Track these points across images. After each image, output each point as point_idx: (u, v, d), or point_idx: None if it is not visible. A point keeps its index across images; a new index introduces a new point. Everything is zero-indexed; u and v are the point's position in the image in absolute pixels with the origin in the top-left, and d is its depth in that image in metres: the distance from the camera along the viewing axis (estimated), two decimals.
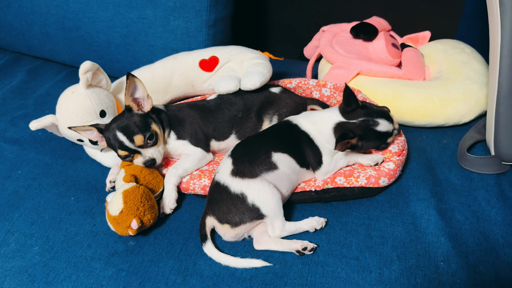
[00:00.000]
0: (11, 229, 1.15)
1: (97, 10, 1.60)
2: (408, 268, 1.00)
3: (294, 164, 1.12)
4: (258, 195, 1.04)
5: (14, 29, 1.84)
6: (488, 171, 1.25)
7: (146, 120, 1.19)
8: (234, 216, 1.04)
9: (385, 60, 1.56)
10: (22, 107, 1.64)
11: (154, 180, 1.18)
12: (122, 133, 1.16)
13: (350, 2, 1.87)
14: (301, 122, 1.17)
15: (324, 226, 1.10)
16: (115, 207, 1.07)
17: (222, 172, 1.10)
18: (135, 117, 1.18)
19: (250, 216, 1.04)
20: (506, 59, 1.19)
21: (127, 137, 1.16)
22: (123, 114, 1.19)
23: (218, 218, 1.05)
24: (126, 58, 1.66)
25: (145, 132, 1.17)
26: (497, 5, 1.17)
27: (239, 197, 1.04)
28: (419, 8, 1.77)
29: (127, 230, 1.05)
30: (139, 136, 1.16)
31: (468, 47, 1.58)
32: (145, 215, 1.06)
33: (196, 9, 1.52)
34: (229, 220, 1.04)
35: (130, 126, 1.16)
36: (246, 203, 1.04)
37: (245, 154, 1.11)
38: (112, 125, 1.18)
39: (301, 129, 1.16)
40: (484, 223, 1.10)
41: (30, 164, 1.36)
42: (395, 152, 1.19)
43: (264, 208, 1.04)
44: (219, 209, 1.05)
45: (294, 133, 1.16)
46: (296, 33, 2.04)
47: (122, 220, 1.05)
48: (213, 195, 1.09)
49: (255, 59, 1.38)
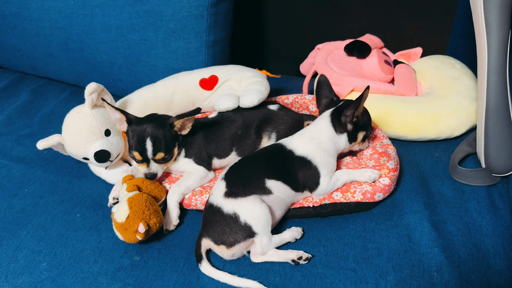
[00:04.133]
0: (20, 246, 1.19)
1: (100, 32, 1.66)
2: (403, 278, 1.04)
3: (288, 190, 1.14)
4: (250, 213, 1.06)
5: (19, 50, 1.89)
6: (479, 183, 1.30)
7: (174, 142, 1.23)
8: (229, 236, 1.06)
9: (378, 76, 1.62)
10: (27, 126, 1.68)
11: (156, 190, 1.22)
12: (151, 142, 1.18)
13: (344, 21, 1.93)
14: (297, 146, 1.17)
15: (303, 235, 1.14)
16: (121, 214, 1.10)
17: (216, 194, 1.12)
18: (170, 135, 1.20)
19: (243, 235, 1.06)
20: (493, 76, 1.25)
21: (153, 149, 1.19)
22: (164, 123, 1.20)
23: (214, 239, 1.08)
24: (128, 77, 1.71)
25: (168, 153, 1.21)
26: (483, 25, 1.23)
27: (232, 217, 1.07)
28: (411, 25, 1.83)
29: (135, 235, 1.08)
30: (162, 154, 1.20)
31: (458, 63, 1.63)
32: (151, 219, 1.10)
33: (196, 31, 1.58)
34: (224, 241, 1.07)
35: (161, 141, 1.19)
36: (239, 222, 1.06)
37: (239, 178, 1.12)
38: (145, 126, 1.19)
39: (297, 155, 1.15)
40: (475, 234, 1.15)
41: (37, 182, 1.40)
42: (391, 168, 1.23)
43: (256, 226, 1.06)
44: (214, 230, 1.08)
45: (288, 160, 1.15)
46: (291, 50, 2.09)
47: (129, 225, 1.09)
48: (207, 217, 1.11)
49: (253, 78, 1.43)
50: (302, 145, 1.17)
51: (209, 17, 1.56)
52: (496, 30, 1.22)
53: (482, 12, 1.23)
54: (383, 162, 1.24)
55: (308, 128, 1.23)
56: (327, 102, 1.27)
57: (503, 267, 1.06)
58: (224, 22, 1.63)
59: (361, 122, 1.21)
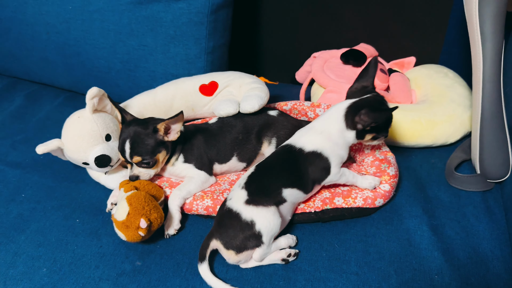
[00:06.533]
0: (18, 252, 1.17)
1: (98, 38, 1.65)
2: (405, 281, 1.06)
3: (301, 195, 1.16)
4: (266, 224, 1.07)
5: (13, 55, 1.86)
6: (475, 188, 1.32)
7: (158, 147, 1.22)
8: (240, 242, 1.07)
9: (374, 84, 1.64)
10: (22, 132, 1.66)
11: (153, 189, 1.22)
12: (129, 145, 1.20)
13: (339, 30, 1.96)
14: (306, 143, 1.17)
15: (297, 243, 1.15)
16: (121, 212, 1.10)
17: (236, 200, 1.12)
18: (152, 140, 1.21)
19: (253, 243, 1.07)
20: (488, 84, 1.29)
21: (130, 152, 1.20)
22: (147, 127, 1.21)
23: (224, 243, 1.08)
24: (126, 83, 1.70)
25: (146, 157, 1.21)
26: (478, 35, 1.27)
27: (248, 224, 1.07)
28: (404, 35, 1.87)
29: (138, 232, 1.08)
30: (138, 158, 1.21)
31: (451, 72, 1.67)
32: (151, 214, 1.10)
33: (195, 37, 1.59)
34: (235, 246, 1.07)
35: (139, 144, 1.20)
36: (253, 230, 1.07)
37: (260, 187, 1.13)
38: (130, 128, 1.21)
39: (307, 151, 1.16)
40: (473, 237, 1.17)
41: (34, 187, 1.38)
42: (392, 175, 1.25)
43: (266, 236, 1.07)
44: (227, 234, 1.08)
45: (300, 159, 1.16)
46: (287, 58, 2.12)
47: (130, 222, 1.08)
48: (223, 220, 1.11)
49: (252, 84, 1.44)
50: (311, 141, 1.17)
51: (209, 24, 1.58)
52: (490, 40, 1.26)
53: (477, 22, 1.27)
54: (384, 168, 1.26)
55: (317, 121, 1.21)
56: (357, 89, 1.23)
57: (501, 269, 1.09)
58: (223, 29, 1.64)
59: (375, 128, 1.18)
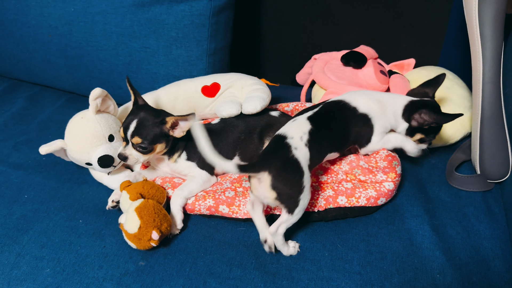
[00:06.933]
0: (22, 252, 1.17)
1: (100, 40, 1.66)
2: (407, 281, 1.06)
3: (336, 155, 1.26)
4: (307, 195, 1.08)
5: (15, 57, 1.88)
6: (475, 188, 1.34)
7: (160, 138, 1.23)
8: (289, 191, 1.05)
9: (374, 86, 1.66)
10: (24, 133, 1.66)
11: (157, 192, 1.23)
12: (135, 124, 1.21)
13: (339, 32, 1.97)
14: (361, 103, 1.23)
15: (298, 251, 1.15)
16: (133, 225, 1.11)
17: (302, 157, 1.09)
18: (158, 129, 1.22)
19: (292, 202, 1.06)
20: (488, 85, 1.30)
21: (133, 130, 1.21)
22: (157, 116, 1.23)
23: (273, 182, 1.05)
24: None
25: (146, 142, 1.21)
26: (478, 37, 1.29)
27: (301, 186, 1.06)
28: (404, 37, 1.89)
29: (149, 243, 1.10)
30: (138, 139, 1.21)
31: (450, 73, 1.68)
32: (162, 224, 1.12)
33: (197, 39, 1.60)
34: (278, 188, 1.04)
35: (144, 128, 1.21)
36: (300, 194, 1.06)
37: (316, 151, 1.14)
38: (141, 111, 1.23)
39: (359, 112, 1.22)
40: (474, 237, 1.18)
41: (36, 188, 1.39)
42: (398, 173, 1.26)
43: (301, 205, 1.07)
44: (283, 179, 1.05)
45: (350, 119, 1.21)
46: (288, 60, 2.13)
47: (142, 235, 1.10)
48: (287, 166, 1.07)
49: (254, 85, 1.45)
50: (366, 103, 1.23)
51: (211, 26, 1.59)
52: (490, 42, 1.28)
53: (477, 24, 1.28)
54: (394, 165, 1.26)
55: (378, 92, 1.28)
56: (419, 91, 1.32)
57: (503, 269, 1.10)
58: (224, 31, 1.66)
59: (427, 127, 1.25)
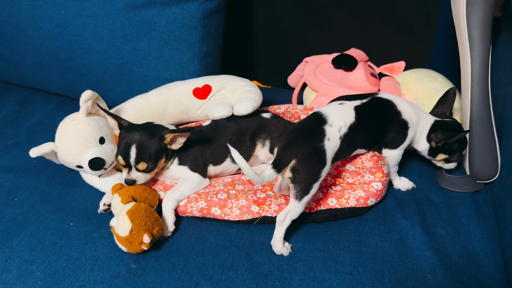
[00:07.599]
0: (11, 256, 1.16)
1: (91, 42, 1.66)
2: (399, 280, 1.07)
3: (363, 152, 1.31)
4: (317, 186, 1.09)
5: (5, 59, 1.86)
6: (465, 189, 1.35)
7: (161, 154, 1.23)
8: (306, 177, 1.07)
9: (365, 88, 1.67)
10: (14, 136, 1.65)
11: (149, 195, 1.23)
12: (136, 150, 1.20)
13: (329, 35, 1.99)
14: (406, 110, 1.25)
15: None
16: (124, 228, 1.10)
17: (330, 148, 1.10)
18: (158, 147, 1.21)
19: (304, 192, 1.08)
20: (476, 86, 1.32)
21: (136, 157, 1.20)
22: (154, 134, 1.21)
23: (295, 165, 1.06)
24: (120, 87, 1.71)
25: (151, 163, 1.21)
26: (467, 39, 1.31)
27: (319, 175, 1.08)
28: (394, 40, 1.90)
29: (141, 246, 1.10)
30: (144, 164, 1.21)
31: (440, 76, 1.70)
32: (153, 228, 1.11)
33: (189, 42, 1.60)
34: (298, 171, 1.06)
35: (147, 151, 1.20)
36: (316, 182, 1.09)
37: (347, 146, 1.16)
38: (135, 133, 1.20)
39: (402, 118, 1.24)
40: (464, 237, 1.19)
41: (27, 191, 1.37)
42: (385, 173, 1.28)
43: (311, 193, 1.09)
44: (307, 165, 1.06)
45: (392, 120, 1.23)
46: (279, 63, 2.14)
47: (133, 238, 1.09)
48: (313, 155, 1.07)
49: (246, 87, 1.46)
50: (410, 112, 1.26)
51: (202, 29, 1.59)
52: (478, 44, 1.30)
53: (465, 27, 1.30)
54: (380, 165, 1.28)
55: (418, 108, 1.31)
56: (438, 113, 1.36)
57: (492, 268, 1.11)
58: (216, 33, 1.66)
59: (447, 147, 1.29)
